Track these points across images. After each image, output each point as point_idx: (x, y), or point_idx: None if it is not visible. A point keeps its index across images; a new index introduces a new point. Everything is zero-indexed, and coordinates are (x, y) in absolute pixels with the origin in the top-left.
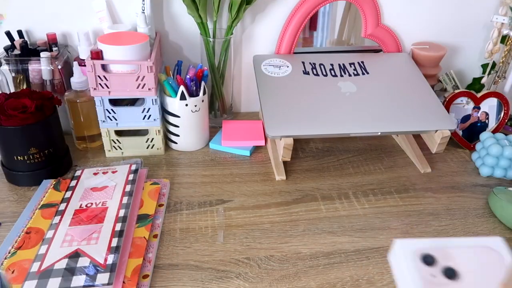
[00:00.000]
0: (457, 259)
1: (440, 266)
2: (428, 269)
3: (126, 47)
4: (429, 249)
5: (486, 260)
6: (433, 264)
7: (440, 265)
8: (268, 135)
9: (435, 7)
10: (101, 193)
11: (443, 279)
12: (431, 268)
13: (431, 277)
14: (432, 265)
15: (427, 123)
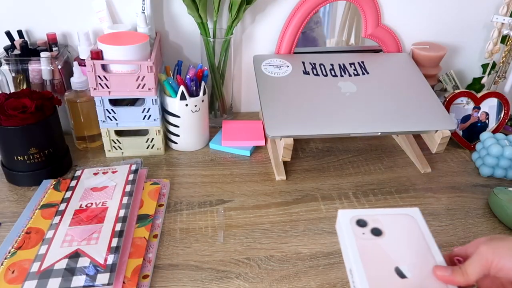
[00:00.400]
0: (383, 222)
1: (369, 227)
2: (360, 229)
3: (126, 47)
4: (362, 215)
5: (404, 223)
6: (365, 226)
7: (370, 226)
8: (268, 135)
9: (435, 7)
10: (101, 193)
11: (371, 236)
12: (362, 228)
13: (362, 235)
14: (364, 226)
15: (427, 123)
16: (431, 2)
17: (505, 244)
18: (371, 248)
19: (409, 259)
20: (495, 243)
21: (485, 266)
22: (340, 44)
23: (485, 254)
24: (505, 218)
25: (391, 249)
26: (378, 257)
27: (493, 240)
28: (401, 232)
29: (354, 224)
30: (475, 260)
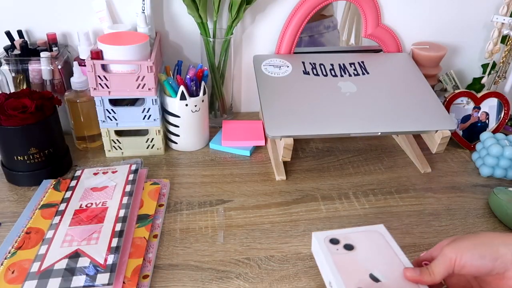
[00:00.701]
0: (353, 239)
1: (342, 243)
2: (334, 246)
3: (126, 47)
4: (334, 235)
5: (373, 237)
6: (337, 243)
7: (342, 243)
8: (268, 135)
9: (435, 7)
10: (101, 193)
11: (344, 251)
12: (336, 245)
13: (336, 250)
14: (337, 244)
15: (427, 123)
16: (431, 2)
17: (465, 243)
18: (345, 260)
19: (381, 265)
20: (456, 243)
21: (449, 265)
22: (340, 44)
23: (448, 254)
24: (505, 218)
25: (363, 259)
26: (353, 268)
27: (455, 240)
28: (371, 245)
29: (328, 242)
30: (439, 261)
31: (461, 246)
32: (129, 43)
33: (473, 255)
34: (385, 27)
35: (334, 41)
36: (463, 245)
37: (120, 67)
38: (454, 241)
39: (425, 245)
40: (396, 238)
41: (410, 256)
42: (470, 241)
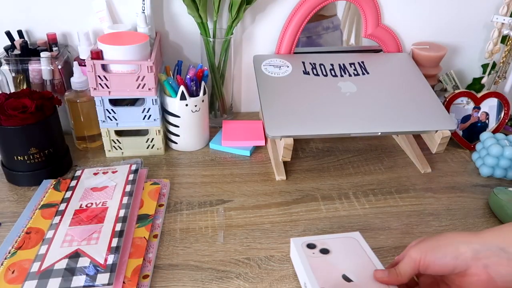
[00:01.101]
0: (329, 244)
1: (318, 248)
2: (310, 250)
3: (126, 47)
4: (311, 241)
5: (348, 243)
6: (314, 248)
7: (319, 247)
8: (268, 135)
9: (435, 7)
10: (101, 193)
11: (320, 254)
12: (313, 249)
13: (312, 254)
14: (314, 248)
15: (427, 123)
16: (431, 2)
17: (429, 244)
18: (320, 263)
19: (354, 267)
20: (421, 244)
21: (414, 266)
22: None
23: (413, 255)
24: (505, 218)
25: (338, 262)
26: (327, 269)
27: (420, 242)
28: (346, 249)
29: (305, 247)
30: (405, 262)
31: (425, 247)
32: (129, 43)
33: (436, 255)
34: (385, 27)
35: (334, 42)
36: (426, 246)
37: (120, 67)
38: (420, 242)
39: None
40: (396, 238)
41: None
42: (434, 241)
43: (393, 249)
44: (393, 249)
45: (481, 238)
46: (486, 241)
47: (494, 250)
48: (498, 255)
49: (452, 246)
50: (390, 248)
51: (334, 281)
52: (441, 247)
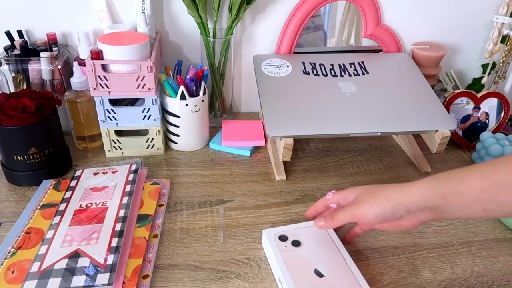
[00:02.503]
0: (300, 235)
1: (290, 240)
2: (282, 243)
3: (126, 47)
4: (282, 232)
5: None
6: (286, 240)
7: (290, 239)
8: (268, 135)
9: (435, 7)
10: (101, 193)
11: (292, 247)
12: (284, 242)
13: (285, 247)
14: (285, 240)
15: (427, 123)
16: (431, 2)
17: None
18: (293, 257)
19: (324, 261)
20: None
21: (352, 219)
22: (340, 44)
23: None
24: (505, 218)
25: (309, 256)
26: (300, 264)
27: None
28: (316, 240)
29: (277, 239)
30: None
31: (366, 206)
32: (129, 43)
33: (376, 213)
34: (385, 27)
35: (316, 43)
36: (367, 204)
37: (120, 67)
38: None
39: (425, 245)
40: (396, 238)
41: (409, 255)
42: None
43: (393, 249)
44: (393, 249)
45: (410, 197)
46: (415, 200)
47: (422, 206)
48: (423, 209)
49: (389, 205)
50: (390, 248)
51: (307, 276)
52: (381, 205)
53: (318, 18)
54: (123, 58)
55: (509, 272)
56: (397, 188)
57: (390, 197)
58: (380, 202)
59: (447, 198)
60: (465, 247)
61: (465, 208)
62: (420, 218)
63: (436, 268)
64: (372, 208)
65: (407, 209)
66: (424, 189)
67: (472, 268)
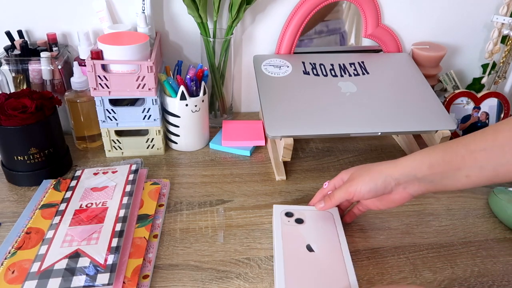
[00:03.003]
0: (306, 215)
1: (294, 217)
2: (287, 218)
3: (126, 47)
4: (290, 209)
5: (324, 216)
6: (291, 216)
7: (295, 217)
8: (268, 135)
9: (435, 7)
10: (101, 193)
11: (294, 223)
12: (289, 218)
13: (287, 222)
14: (290, 217)
15: (427, 123)
16: (431, 2)
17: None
18: (292, 232)
19: (319, 239)
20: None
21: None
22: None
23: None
24: (505, 218)
25: (307, 233)
26: (295, 238)
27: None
28: (319, 222)
29: (283, 215)
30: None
31: (359, 182)
32: (129, 43)
33: (369, 188)
34: (385, 27)
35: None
36: (360, 180)
37: (120, 67)
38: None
39: (425, 245)
40: (396, 238)
41: (409, 255)
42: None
43: (393, 249)
44: (393, 249)
45: (399, 170)
46: (404, 172)
47: (410, 177)
48: (412, 180)
49: (380, 179)
50: (390, 248)
51: (297, 249)
52: (373, 180)
53: (332, 22)
54: (123, 58)
55: (509, 272)
56: (387, 163)
57: (381, 172)
58: (372, 177)
59: (434, 167)
60: (465, 247)
61: (450, 177)
62: (410, 191)
63: (436, 268)
64: (364, 183)
65: (397, 181)
66: (412, 161)
67: (472, 268)
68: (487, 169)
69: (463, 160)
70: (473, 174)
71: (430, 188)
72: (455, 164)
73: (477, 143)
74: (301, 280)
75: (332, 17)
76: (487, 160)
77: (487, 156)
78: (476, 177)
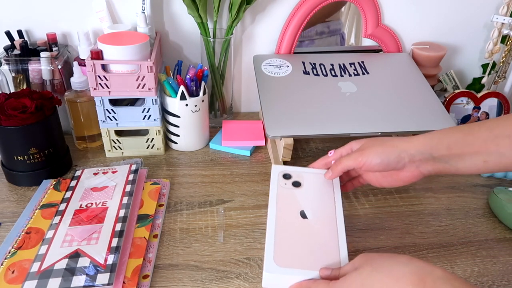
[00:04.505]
0: (304, 178)
1: (292, 180)
2: (284, 180)
3: (126, 47)
4: (289, 171)
5: (323, 180)
6: (289, 179)
7: (292, 179)
8: (268, 135)
9: (435, 7)
10: (101, 193)
11: (291, 186)
12: (286, 180)
13: (284, 185)
14: (288, 179)
15: (427, 123)
16: (431, 2)
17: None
18: (287, 195)
19: (314, 206)
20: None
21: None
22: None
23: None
24: (505, 218)
25: (302, 198)
26: (290, 202)
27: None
28: (317, 187)
29: (281, 176)
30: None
31: (371, 152)
32: (129, 43)
33: (381, 160)
34: (385, 27)
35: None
36: (372, 151)
37: (120, 67)
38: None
39: (425, 245)
40: (396, 238)
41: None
42: (378, 147)
43: (393, 249)
44: (393, 249)
45: (416, 146)
46: (420, 149)
47: (426, 155)
48: (427, 158)
49: (395, 153)
50: (390, 248)
51: (290, 214)
52: (386, 153)
53: (333, 23)
54: (123, 58)
55: (509, 272)
56: (402, 139)
57: (395, 146)
58: (385, 150)
59: (452, 148)
60: (465, 247)
61: (466, 160)
62: (422, 170)
63: None
64: (377, 154)
65: (411, 157)
66: (430, 140)
67: (472, 268)
68: (507, 157)
69: (484, 145)
70: (491, 160)
71: (443, 170)
72: (475, 148)
73: (501, 128)
74: (291, 249)
75: (334, 17)
76: (510, 147)
77: (510, 143)
78: (494, 164)
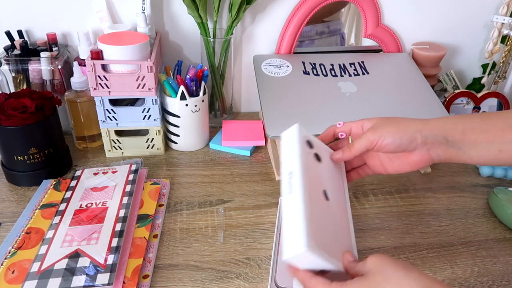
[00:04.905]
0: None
1: (313, 151)
2: (307, 149)
3: (126, 47)
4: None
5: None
6: (311, 148)
7: (314, 150)
8: (268, 135)
9: (435, 7)
10: (101, 193)
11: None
12: (309, 149)
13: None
14: (310, 148)
15: None
16: (431, 2)
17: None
18: (311, 166)
19: (332, 187)
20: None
21: (369, 145)
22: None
23: (371, 138)
24: (505, 218)
25: (323, 175)
26: (314, 176)
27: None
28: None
29: (305, 142)
30: (362, 142)
31: (384, 131)
32: (129, 43)
33: (394, 139)
34: (385, 27)
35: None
36: (385, 130)
37: (120, 67)
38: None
39: (425, 245)
40: (396, 238)
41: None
42: (391, 126)
43: (393, 249)
44: (393, 249)
45: (430, 128)
46: (434, 131)
47: (439, 138)
48: (440, 142)
49: (408, 133)
50: (390, 248)
51: (316, 192)
52: (400, 132)
53: (333, 23)
54: (123, 58)
55: (509, 272)
56: (416, 120)
57: (409, 125)
58: (399, 129)
59: (467, 133)
60: (465, 247)
61: (481, 147)
62: (432, 154)
63: (436, 268)
64: (390, 134)
65: (424, 139)
66: (445, 123)
67: (472, 268)
68: None
69: (501, 133)
70: (507, 150)
71: (455, 156)
72: (491, 136)
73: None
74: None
75: (334, 17)
76: None
77: None
78: (509, 154)
